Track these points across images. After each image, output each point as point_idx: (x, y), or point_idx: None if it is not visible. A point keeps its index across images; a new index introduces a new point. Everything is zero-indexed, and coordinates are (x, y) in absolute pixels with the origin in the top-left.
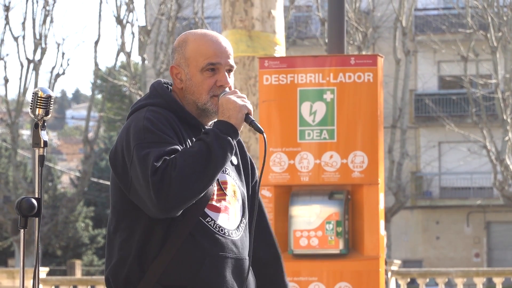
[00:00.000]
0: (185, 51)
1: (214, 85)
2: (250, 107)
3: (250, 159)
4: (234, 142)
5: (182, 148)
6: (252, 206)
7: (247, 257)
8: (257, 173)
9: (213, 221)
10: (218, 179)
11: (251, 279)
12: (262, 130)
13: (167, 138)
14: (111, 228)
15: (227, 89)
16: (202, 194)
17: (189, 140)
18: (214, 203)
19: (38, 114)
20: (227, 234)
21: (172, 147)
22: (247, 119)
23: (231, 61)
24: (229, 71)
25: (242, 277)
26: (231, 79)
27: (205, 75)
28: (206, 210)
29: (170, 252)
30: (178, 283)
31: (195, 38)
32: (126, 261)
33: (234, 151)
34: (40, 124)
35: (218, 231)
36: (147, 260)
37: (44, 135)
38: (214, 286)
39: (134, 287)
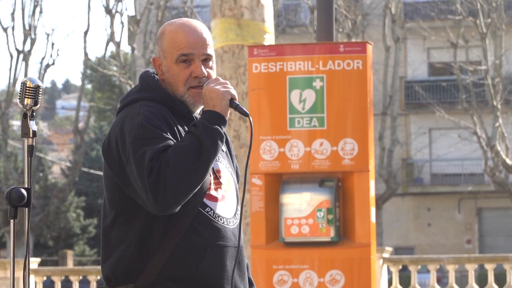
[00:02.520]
0: (162, 43)
1: (189, 76)
2: (234, 92)
3: (232, 149)
4: (223, 130)
5: (175, 142)
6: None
7: (243, 245)
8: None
9: (212, 211)
10: (213, 168)
11: (246, 267)
12: (248, 113)
13: (162, 134)
14: (107, 222)
15: (204, 78)
16: (200, 186)
17: (182, 132)
18: (211, 192)
19: (27, 104)
20: (225, 223)
21: (167, 143)
22: (232, 104)
23: (209, 50)
24: (206, 60)
25: (240, 265)
26: (210, 68)
27: (180, 66)
28: (205, 200)
29: (172, 243)
30: (180, 274)
31: (171, 30)
32: (126, 254)
33: (224, 139)
34: (29, 114)
35: (218, 220)
36: (148, 252)
37: (33, 125)
38: (216, 275)
39: (134, 280)
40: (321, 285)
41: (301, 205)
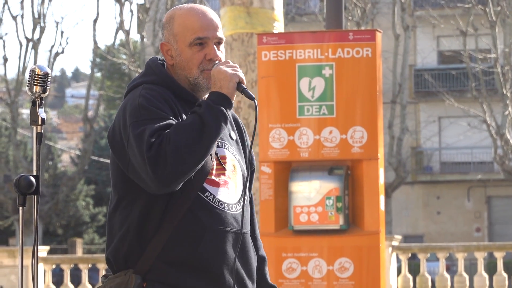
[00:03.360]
0: (173, 27)
1: (203, 59)
2: (242, 75)
3: (247, 139)
4: (228, 112)
5: (177, 121)
6: (249, 183)
7: (248, 232)
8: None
9: (212, 196)
10: (217, 154)
11: (252, 254)
12: (254, 97)
13: (162, 114)
14: (111, 207)
15: (218, 61)
16: (200, 167)
17: (185, 115)
18: (213, 177)
19: (36, 91)
20: (226, 209)
21: (167, 122)
22: (239, 87)
23: (220, 33)
24: (218, 43)
25: (242, 251)
26: (221, 51)
27: (193, 49)
28: (205, 185)
29: (169, 228)
30: (178, 258)
31: (182, 13)
32: (126, 239)
33: (228, 121)
34: (37, 102)
35: (218, 205)
36: (146, 237)
37: (42, 113)
38: (214, 260)
39: (134, 264)
40: (330, 273)
41: (310, 193)
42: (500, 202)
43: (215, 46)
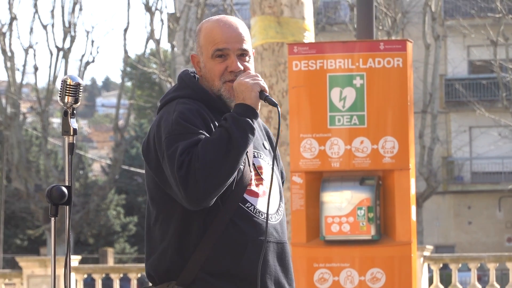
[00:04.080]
0: (199, 40)
1: (224, 71)
2: (264, 84)
3: (277, 149)
4: (254, 123)
5: (206, 136)
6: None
7: (287, 241)
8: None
9: (252, 206)
10: (254, 164)
11: (291, 263)
12: (277, 103)
13: (195, 130)
14: (151, 220)
15: (241, 73)
16: (232, 180)
17: None
18: (252, 188)
19: (67, 101)
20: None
21: (199, 137)
22: (261, 96)
23: (245, 45)
24: (242, 55)
25: (283, 261)
26: (249, 63)
27: (215, 61)
28: (245, 195)
29: (212, 239)
30: (222, 269)
31: (207, 26)
32: (167, 251)
33: (255, 131)
34: (69, 112)
35: (258, 216)
36: (188, 249)
37: (74, 123)
38: (257, 271)
39: (176, 277)
40: (362, 283)
41: (341, 203)
42: None
43: (237, 58)
